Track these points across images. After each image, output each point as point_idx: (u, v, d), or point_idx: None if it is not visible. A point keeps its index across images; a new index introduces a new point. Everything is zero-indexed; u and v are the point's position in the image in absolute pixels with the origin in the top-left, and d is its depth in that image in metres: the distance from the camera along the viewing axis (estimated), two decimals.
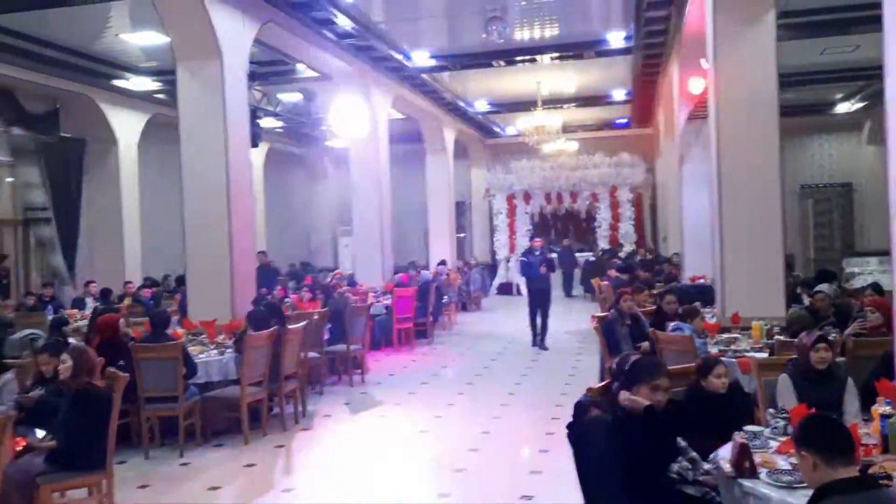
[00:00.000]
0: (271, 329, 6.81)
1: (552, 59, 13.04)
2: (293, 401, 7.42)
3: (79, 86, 12.26)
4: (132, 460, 6.13)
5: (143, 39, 10.73)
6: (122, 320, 6.75)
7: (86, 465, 4.67)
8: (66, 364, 4.97)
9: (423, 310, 12.06)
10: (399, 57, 12.49)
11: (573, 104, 17.45)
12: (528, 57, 12.97)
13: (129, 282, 12.08)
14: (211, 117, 8.26)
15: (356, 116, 11.56)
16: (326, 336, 8.98)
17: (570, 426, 3.77)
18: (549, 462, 5.86)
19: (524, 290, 13.23)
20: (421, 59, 12.95)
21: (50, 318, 9.09)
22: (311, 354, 8.11)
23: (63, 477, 4.62)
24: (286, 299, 10.40)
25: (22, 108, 12.03)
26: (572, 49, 12.74)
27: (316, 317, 8.50)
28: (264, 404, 6.88)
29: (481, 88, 16.23)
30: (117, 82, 12.54)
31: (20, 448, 4.65)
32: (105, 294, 10.80)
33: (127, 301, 10.83)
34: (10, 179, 12.53)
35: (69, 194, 12.97)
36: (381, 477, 5.80)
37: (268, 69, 12.05)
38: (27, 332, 6.99)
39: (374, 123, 12.63)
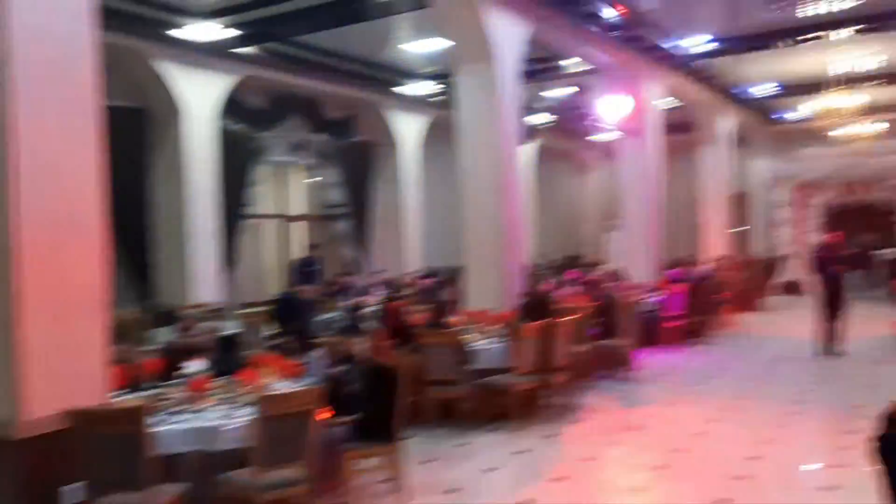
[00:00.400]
0: (541, 321, 6.98)
1: (855, 31, 11.67)
2: (563, 392, 7.54)
3: (370, 94, 13.51)
4: (417, 437, 6.65)
5: (425, 47, 11.50)
6: (406, 308, 7.36)
7: (379, 437, 5.16)
8: (361, 346, 5.56)
9: (696, 307, 11.55)
10: (670, 45, 12.06)
11: (878, 82, 15.49)
12: (820, 33, 11.78)
13: (411, 272, 13.08)
14: (486, 117, 8.66)
15: (624, 108, 11.40)
16: (594, 331, 8.97)
17: (883, 438, 3.39)
18: (845, 477, 5.34)
19: (813, 288, 12.10)
20: (694, 44, 12.37)
21: (344, 303, 10.17)
22: (579, 349, 8.17)
23: (361, 446, 5.16)
24: (553, 293, 10.56)
25: (324, 117, 13.56)
26: (878, 21, 11.34)
27: (583, 311, 8.54)
28: (535, 394, 7.08)
29: (762, 71, 15.08)
30: (399, 89, 13.60)
31: (327, 417, 5.26)
32: (391, 283, 11.81)
33: (410, 290, 11.73)
34: (314, 179, 14.18)
35: (361, 193, 14.39)
36: (652, 476, 5.69)
37: (536, 66, 12.29)
38: (332, 314, 7.93)
39: (643, 114, 12.34)
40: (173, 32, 9.45)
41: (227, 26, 9.59)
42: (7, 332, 4.02)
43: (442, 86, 13.62)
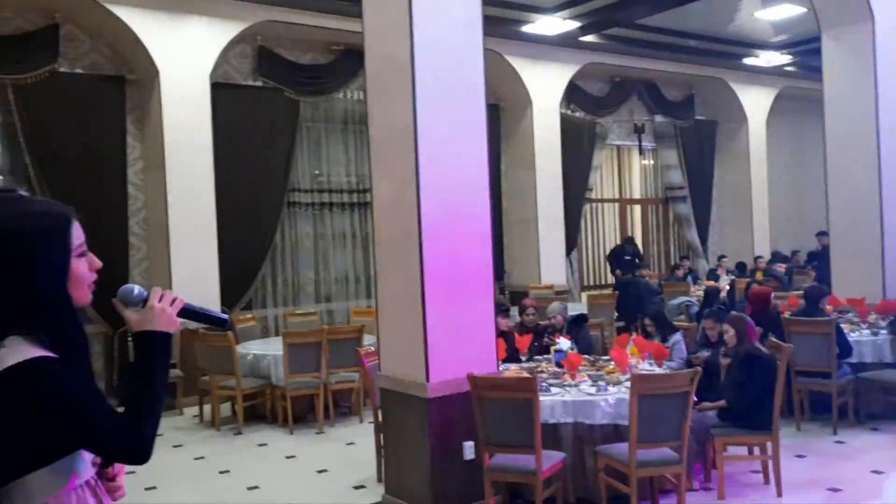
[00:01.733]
0: None
1: None
2: None
3: (712, 70, 12.96)
4: (784, 430, 6.27)
5: (776, 14, 10.72)
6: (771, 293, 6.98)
7: (752, 424, 5.00)
8: (729, 333, 5.41)
9: None
10: None
11: None
12: None
13: (760, 256, 12.33)
14: (859, 84, 7.81)
15: None
16: None
17: None
18: None
19: None
20: None
21: (693, 287, 9.94)
22: None
23: (732, 432, 5.05)
24: None
25: (663, 97, 13.33)
26: None
27: None
28: None
29: None
30: (747, 61, 12.84)
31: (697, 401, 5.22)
32: (740, 268, 11.26)
33: (759, 275, 11.06)
34: (652, 162, 14.02)
35: (702, 174, 13.89)
36: None
37: None
38: (682, 299, 7.82)
39: None
40: (525, 29, 10.01)
41: (567, 18, 9.90)
42: (418, 307, 4.64)
43: (789, 56, 12.59)
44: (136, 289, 1.76)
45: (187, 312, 1.82)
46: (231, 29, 8.53)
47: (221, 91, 8.68)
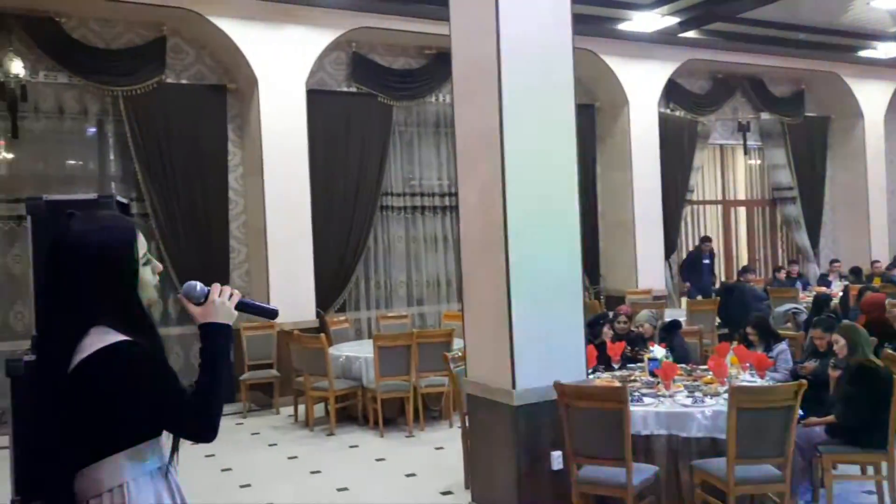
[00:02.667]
0: None
1: None
2: None
3: (824, 63, 12.26)
4: None
5: (894, 2, 10.02)
6: (886, 300, 6.51)
7: (865, 441, 4.64)
8: (839, 343, 5.06)
9: None
10: None
11: None
12: None
13: (877, 261, 11.57)
14: None
15: None
16: None
17: None
18: None
19: None
20: None
21: (802, 293, 9.40)
22: None
23: (842, 450, 4.71)
24: None
25: (769, 94, 12.71)
26: None
27: None
28: None
29: None
30: (863, 53, 12.08)
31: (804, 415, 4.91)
32: (855, 273, 10.58)
33: (876, 281, 10.38)
34: (758, 162, 13.39)
35: (813, 173, 13.15)
36: None
37: None
38: (789, 306, 7.39)
39: None
40: (621, 26, 9.76)
41: (666, 14, 9.57)
42: (504, 312, 4.56)
43: None
44: (199, 285, 1.96)
45: (243, 305, 2.00)
46: (326, 36, 8.70)
47: (316, 97, 8.86)
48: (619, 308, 6.80)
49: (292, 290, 8.42)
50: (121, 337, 1.76)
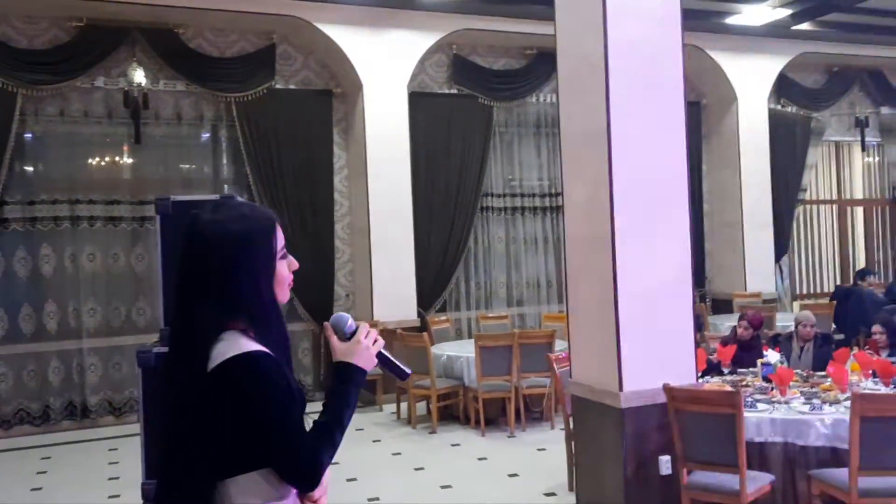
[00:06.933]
0: None
1: None
2: None
3: None
4: None
5: None
6: None
7: None
8: None
9: None
10: None
11: None
12: None
13: None
14: None
15: None
16: None
17: None
18: None
19: None
20: None
21: None
22: None
23: None
24: None
25: (890, 87, 12.00)
26: None
27: None
28: None
29: None
30: None
31: None
32: None
33: None
34: (877, 159, 12.66)
35: None
36: None
37: None
38: None
39: None
40: (730, 20, 9.44)
41: (777, 6, 9.19)
42: (611, 312, 4.49)
43: None
44: (350, 321, 1.83)
45: (382, 356, 1.86)
46: (428, 39, 8.81)
47: (418, 100, 8.99)
48: (746, 312, 6.55)
49: (395, 290, 8.58)
50: (253, 346, 1.65)
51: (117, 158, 8.52)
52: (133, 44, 8.18)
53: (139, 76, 8.17)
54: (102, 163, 8.50)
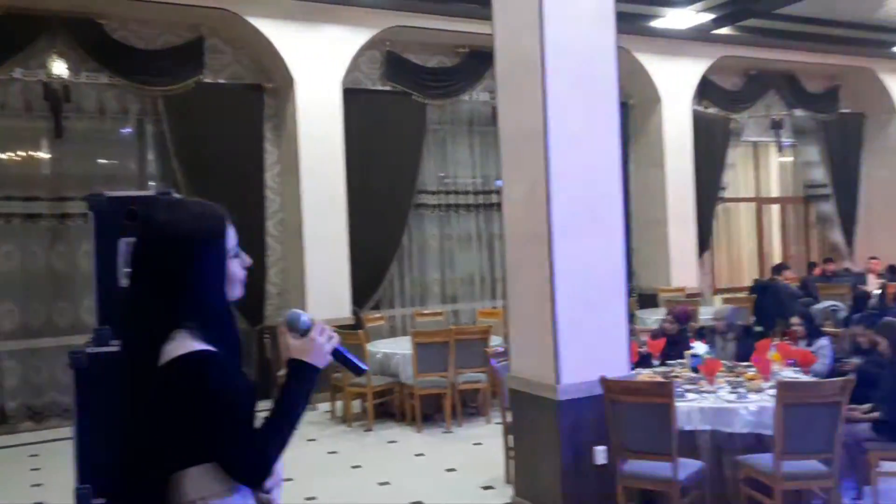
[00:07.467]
0: None
1: None
2: None
3: (860, 59, 12.12)
4: None
5: None
6: None
7: None
8: (882, 343, 5.04)
9: None
10: None
11: None
12: None
13: None
14: None
15: None
16: None
17: None
18: None
19: None
20: None
21: (845, 291, 9.33)
22: None
23: (888, 446, 4.68)
24: None
25: (803, 90, 12.58)
26: None
27: None
28: None
29: None
30: None
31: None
32: (893, 270, 10.46)
33: None
34: (792, 159, 13.26)
35: (847, 170, 12.99)
36: None
37: None
38: (828, 303, 7.35)
39: None
40: (654, 23, 9.72)
41: (700, 11, 9.52)
42: (548, 307, 4.59)
43: None
44: (304, 317, 1.82)
45: (336, 353, 1.86)
46: (362, 36, 8.77)
47: (352, 97, 8.93)
48: (673, 307, 6.78)
49: (328, 287, 8.51)
50: (202, 346, 1.65)
51: (36, 153, 8.18)
52: (54, 35, 7.85)
53: (60, 68, 7.86)
54: (20, 158, 8.14)
